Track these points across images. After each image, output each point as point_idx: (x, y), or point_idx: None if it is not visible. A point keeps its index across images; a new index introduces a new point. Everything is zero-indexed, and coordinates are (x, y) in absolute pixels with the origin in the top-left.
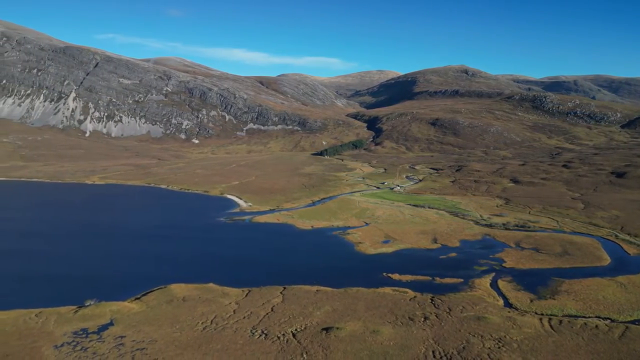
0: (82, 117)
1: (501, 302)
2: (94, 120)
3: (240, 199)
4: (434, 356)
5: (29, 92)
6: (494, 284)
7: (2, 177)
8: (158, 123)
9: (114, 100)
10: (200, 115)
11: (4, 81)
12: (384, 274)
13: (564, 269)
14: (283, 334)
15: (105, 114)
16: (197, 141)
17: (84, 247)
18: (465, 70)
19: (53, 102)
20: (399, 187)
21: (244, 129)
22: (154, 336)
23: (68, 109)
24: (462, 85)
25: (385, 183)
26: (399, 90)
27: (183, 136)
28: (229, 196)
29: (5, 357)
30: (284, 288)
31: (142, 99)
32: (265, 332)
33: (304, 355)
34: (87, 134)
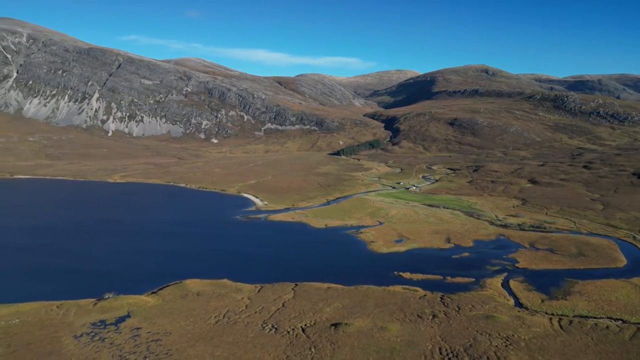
0: (104, 117)
1: (512, 301)
2: (116, 120)
3: (256, 197)
4: (440, 353)
5: (54, 92)
6: (505, 284)
7: (28, 175)
8: (178, 123)
9: (135, 100)
10: (219, 115)
11: (31, 82)
12: (395, 272)
13: (578, 270)
14: (293, 329)
15: (127, 114)
16: (216, 141)
17: (104, 243)
18: (486, 69)
19: (77, 103)
20: (414, 187)
21: (262, 128)
22: (169, 328)
23: (91, 109)
24: (482, 84)
25: (401, 183)
26: (418, 90)
27: (202, 136)
28: (246, 195)
29: (28, 346)
30: (296, 285)
31: (162, 99)
32: (275, 326)
33: (312, 349)
34: (110, 134)
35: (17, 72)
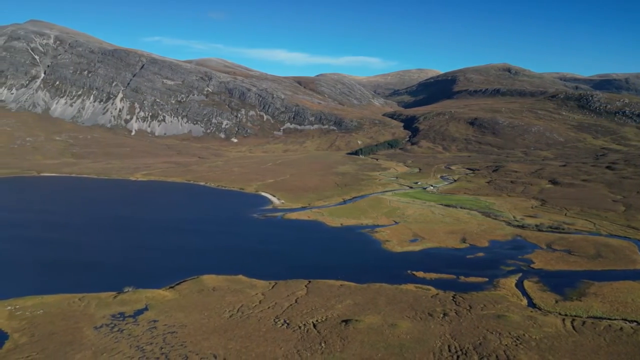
0: (128, 117)
1: (525, 301)
2: (139, 119)
3: (274, 196)
4: (449, 350)
5: (80, 92)
6: (519, 284)
7: (54, 173)
8: (199, 122)
9: (158, 100)
10: (239, 115)
11: (57, 82)
12: (409, 271)
13: (596, 271)
14: (304, 324)
15: (150, 114)
16: (236, 140)
17: (125, 238)
18: (508, 68)
19: (102, 103)
20: (432, 187)
21: (281, 128)
22: (184, 321)
23: (116, 109)
24: (504, 84)
25: (419, 183)
26: (438, 89)
27: (222, 135)
28: (263, 193)
29: (51, 336)
30: (309, 282)
31: (184, 99)
32: (287, 321)
33: (322, 344)
34: (133, 133)
35: (45, 73)
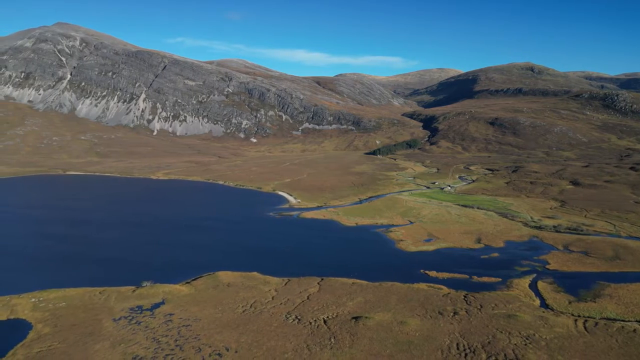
0: (150, 117)
1: (537, 302)
2: (161, 119)
3: (290, 195)
4: (458, 348)
5: (104, 93)
6: (533, 285)
7: (79, 172)
8: (219, 122)
9: (179, 100)
10: (258, 115)
11: (83, 83)
12: (422, 270)
13: (612, 273)
14: (315, 320)
15: (172, 114)
16: (255, 140)
17: (145, 235)
18: (531, 67)
19: (125, 103)
20: (449, 187)
21: (300, 128)
22: (199, 315)
23: (138, 109)
24: (526, 83)
25: (436, 183)
26: (459, 88)
27: (242, 135)
28: (280, 193)
29: (72, 327)
30: (322, 279)
31: (205, 99)
32: (298, 317)
33: (332, 340)
34: (155, 133)
35: (71, 74)
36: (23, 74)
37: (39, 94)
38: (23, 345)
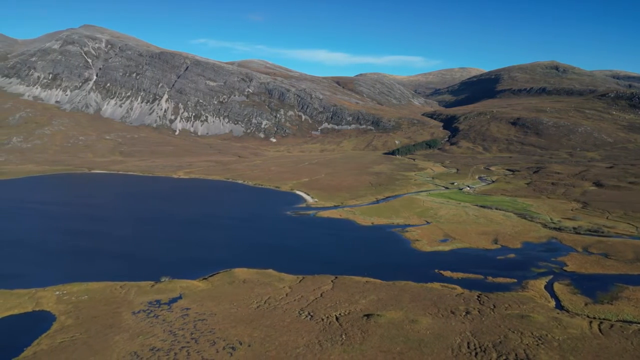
0: (172, 117)
1: (552, 303)
2: (183, 119)
3: (308, 194)
4: (468, 347)
5: (128, 94)
6: (549, 286)
7: (103, 170)
8: (240, 122)
9: (200, 101)
10: (278, 115)
11: (108, 84)
12: (436, 270)
13: (632, 275)
14: (327, 317)
15: (193, 114)
16: (274, 140)
17: (164, 232)
18: (556, 66)
19: (149, 103)
20: (468, 188)
21: (319, 128)
22: (214, 310)
23: (161, 109)
24: (550, 82)
25: (455, 183)
26: (481, 88)
27: (262, 135)
28: (298, 192)
29: (93, 319)
30: (336, 277)
31: (226, 99)
32: (311, 314)
33: (343, 336)
34: (177, 133)
35: (97, 75)
36: (51, 75)
37: (66, 95)
38: (47, 336)
